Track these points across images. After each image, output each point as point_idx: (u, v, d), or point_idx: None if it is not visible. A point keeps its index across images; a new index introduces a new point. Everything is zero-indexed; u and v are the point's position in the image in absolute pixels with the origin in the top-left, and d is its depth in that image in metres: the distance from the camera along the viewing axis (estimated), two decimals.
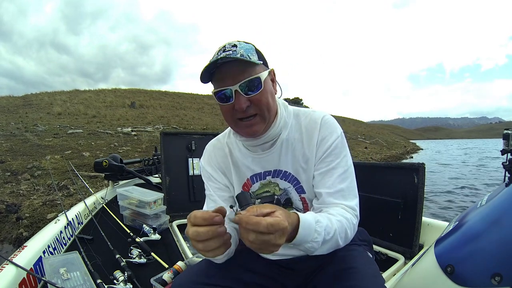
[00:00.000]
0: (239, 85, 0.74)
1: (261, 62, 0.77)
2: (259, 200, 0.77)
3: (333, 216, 0.73)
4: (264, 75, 0.77)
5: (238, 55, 0.72)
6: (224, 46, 0.76)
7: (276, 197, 0.82)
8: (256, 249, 0.56)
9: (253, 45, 0.80)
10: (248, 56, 0.74)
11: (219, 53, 0.74)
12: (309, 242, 0.65)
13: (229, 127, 0.93)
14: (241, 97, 0.75)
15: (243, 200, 0.64)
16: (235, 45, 0.75)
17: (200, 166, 0.99)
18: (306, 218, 0.64)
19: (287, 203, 0.89)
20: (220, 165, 0.94)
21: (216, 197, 0.92)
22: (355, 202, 0.80)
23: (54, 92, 26.39)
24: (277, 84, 0.85)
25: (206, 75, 0.76)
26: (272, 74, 0.83)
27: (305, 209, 0.88)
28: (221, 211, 0.60)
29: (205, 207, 0.94)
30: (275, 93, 0.84)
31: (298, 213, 0.65)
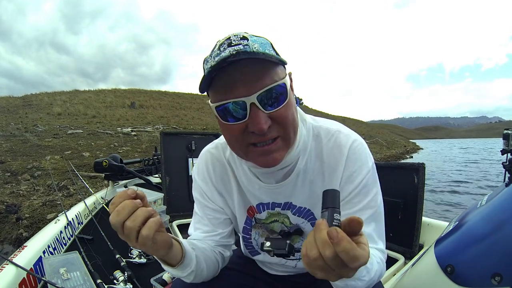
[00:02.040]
0: (258, 95, 0.52)
1: (283, 61, 0.56)
2: (268, 244, 0.61)
3: (373, 256, 0.60)
4: (288, 80, 0.56)
5: (254, 51, 0.51)
6: (229, 39, 0.53)
7: (288, 242, 0.60)
8: (309, 266, 0.41)
9: (268, 40, 0.57)
10: (266, 52, 0.52)
11: (221, 49, 0.52)
12: (356, 279, 0.52)
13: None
14: (260, 114, 0.52)
15: (331, 201, 0.43)
16: (245, 38, 0.53)
17: (193, 177, 0.82)
18: None
19: (298, 233, 0.75)
20: (219, 184, 0.76)
21: (207, 221, 0.77)
22: (383, 244, 0.66)
23: (54, 92, 26.42)
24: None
25: (208, 81, 0.54)
26: (290, 79, 0.59)
27: None
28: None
29: (191, 229, 0.80)
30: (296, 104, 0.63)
31: None
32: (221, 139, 0.78)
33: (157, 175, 3.22)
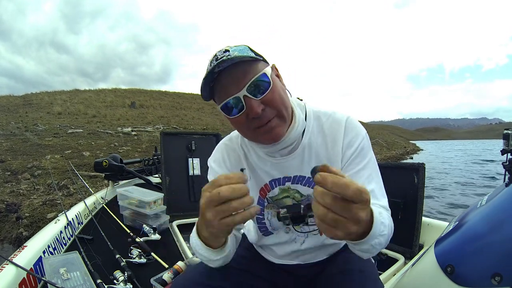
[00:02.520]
0: (246, 88, 0.65)
1: (260, 58, 0.70)
2: (284, 210, 0.77)
3: (382, 211, 0.65)
4: (268, 70, 0.68)
5: (236, 54, 0.64)
6: (215, 56, 0.67)
7: (302, 206, 0.75)
8: (325, 225, 0.45)
9: (246, 45, 0.71)
10: (244, 55, 0.66)
11: (211, 64, 0.66)
12: (377, 236, 0.54)
13: None
14: (253, 101, 0.65)
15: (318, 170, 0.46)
16: (226, 50, 0.67)
17: (209, 165, 0.92)
18: (375, 213, 0.53)
19: (309, 207, 0.80)
20: (233, 168, 0.87)
21: None
22: (386, 201, 0.75)
23: (54, 91, 26.41)
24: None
25: (207, 91, 0.69)
26: (275, 69, 0.73)
27: None
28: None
29: None
30: (285, 87, 0.75)
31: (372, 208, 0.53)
32: (234, 132, 0.90)
33: (157, 175, 3.22)
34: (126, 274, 1.34)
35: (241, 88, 0.65)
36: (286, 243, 0.87)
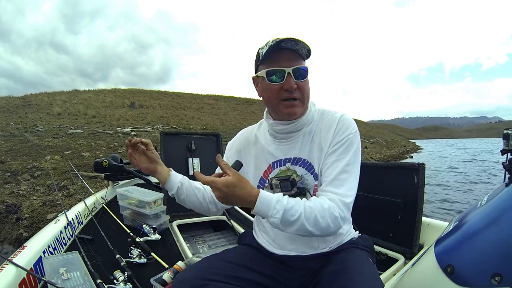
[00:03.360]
0: (293, 69, 0.84)
1: (309, 56, 0.88)
2: (276, 178, 0.95)
3: (307, 201, 0.78)
4: (309, 69, 0.88)
5: (299, 47, 0.83)
6: (285, 39, 0.83)
7: (292, 177, 0.92)
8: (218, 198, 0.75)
9: (307, 45, 0.86)
10: (303, 49, 0.85)
11: (276, 40, 0.83)
12: (269, 217, 0.74)
13: (260, 121, 1.07)
14: (292, 79, 0.84)
15: (233, 165, 0.80)
16: (293, 39, 0.83)
17: (226, 149, 1.12)
18: (268, 195, 0.75)
19: (301, 192, 0.94)
20: (242, 150, 1.05)
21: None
22: (348, 193, 0.83)
23: (54, 92, 26.37)
24: None
25: (264, 56, 0.85)
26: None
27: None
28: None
29: None
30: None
31: (262, 190, 0.76)
32: (252, 126, 1.11)
33: None
34: (126, 274, 1.34)
35: (290, 66, 0.84)
36: None
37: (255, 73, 0.94)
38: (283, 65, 0.84)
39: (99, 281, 1.24)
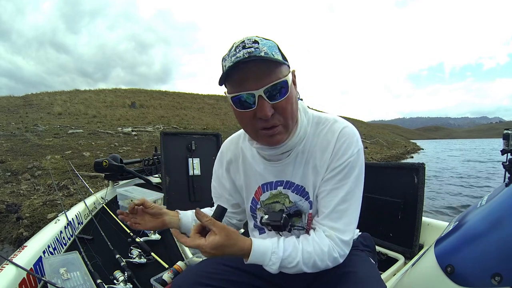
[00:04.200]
0: (264, 89, 0.64)
1: (286, 62, 0.69)
2: (266, 216, 0.80)
3: (305, 244, 0.72)
4: (289, 78, 0.67)
5: (262, 53, 0.62)
6: (243, 42, 0.65)
7: (284, 216, 0.78)
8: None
9: (275, 43, 0.69)
10: (273, 54, 0.64)
11: (237, 50, 0.64)
12: (265, 266, 0.69)
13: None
14: (266, 104, 0.65)
15: (217, 214, 0.69)
16: (256, 41, 0.65)
17: (214, 167, 0.99)
18: (262, 247, 0.69)
19: (297, 214, 0.84)
20: (230, 168, 0.92)
21: (214, 199, 0.99)
22: (347, 228, 0.73)
23: (55, 92, 26.40)
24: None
25: (224, 77, 0.67)
26: (293, 76, 0.72)
27: (308, 225, 0.84)
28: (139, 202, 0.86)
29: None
30: (297, 97, 0.76)
31: (255, 241, 0.69)
32: (238, 132, 0.93)
33: (157, 175, 3.22)
34: (126, 274, 1.34)
35: (259, 87, 0.64)
36: None
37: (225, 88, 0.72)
38: (250, 86, 0.64)
39: (99, 281, 1.25)
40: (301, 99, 0.89)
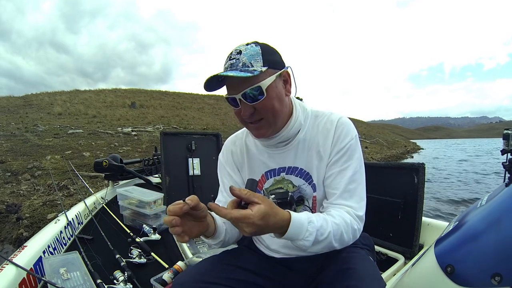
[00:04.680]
0: (241, 94, 0.76)
1: (266, 67, 0.76)
2: (273, 196, 0.79)
3: (331, 217, 0.74)
4: (267, 82, 0.76)
5: (241, 64, 0.75)
6: (232, 52, 0.78)
7: (290, 194, 0.80)
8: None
9: (262, 47, 0.78)
10: (251, 63, 0.75)
11: (226, 60, 0.78)
12: (300, 240, 0.67)
13: None
14: (245, 105, 0.78)
15: (249, 186, 0.68)
16: (239, 52, 0.77)
17: (218, 161, 1.03)
18: (298, 217, 0.67)
19: (299, 200, 0.89)
20: (237, 163, 0.98)
21: (226, 194, 0.96)
22: (359, 204, 0.80)
23: (55, 92, 26.40)
24: (293, 83, 0.85)
25: (213, 84, 0.79)
26: (285, 75, 0.82)
27: (314, 208, 0.88)
28: (191, 200, 0.66)
29: (217, 201, 0.98)
30: (288, 94, 0.84)
31: (291, 212, 0.68)
32: (241, 129, 1.01)
33: (157, 175, 3.22)
34: (126, 274, 1.34)
35: (237, 92, 0.77)
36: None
37: None
38: (232, 92, 0.78)
39: (99, 281, 1.25)
40: (301, 99, 0.94)
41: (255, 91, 0.76)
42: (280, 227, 0.65)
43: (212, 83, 0.78)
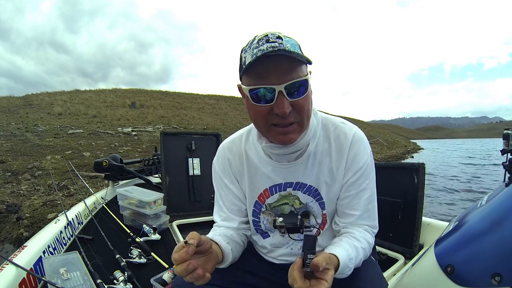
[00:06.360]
0: (286, 85, 0.62)
1: (309, 62, 0.66)
2: (281, 219, 0.77)
3: (358, 242, 0.74)
4: (309, 77, 0.66)
5: (286, 49, 0.61)
6: (267, 36, 0.64)
7: (299, 217, 0.77)
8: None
9: (297, 42, 0.68)
10: (297, 52, 0.63)
11: (260, 43, 0.63)
12: (343, 274, 0.67)
13: (246, 129, 0.88)
14: (285, 100, 0.63)
15: (310, 244, 0.60)
16: (279, 37, 0.64)
17: (213, 167, 0.91)
18: (344, 260, 0.65)
19: (304, 215, 0.83)
20: (236, 173, 0.86)
21: (226, 209, 0.88)
22: (376, 220, 0.83)
23: (55, 92, 26.41)
24: None
25: (246, 69, 0.64)
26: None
27: (324, 224, 0.84)
28: (193, 238, 0.58)
29: (215, 216, 0.91)
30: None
31: (338, 256, 0.64)
32: (237, 133, 0.90)
33: (157, 175, 3.22)
34: (126, 274, 1.34)
35: (281, 83, 0.62)
36: (281, 246, 0.87)
37: (240, 80, 0.71)
38: (272, 82, 0.62)
39: (99, 281, 1.25)
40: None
41: (301, 84, 0.64)
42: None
43: (246, 67, 0.63)
